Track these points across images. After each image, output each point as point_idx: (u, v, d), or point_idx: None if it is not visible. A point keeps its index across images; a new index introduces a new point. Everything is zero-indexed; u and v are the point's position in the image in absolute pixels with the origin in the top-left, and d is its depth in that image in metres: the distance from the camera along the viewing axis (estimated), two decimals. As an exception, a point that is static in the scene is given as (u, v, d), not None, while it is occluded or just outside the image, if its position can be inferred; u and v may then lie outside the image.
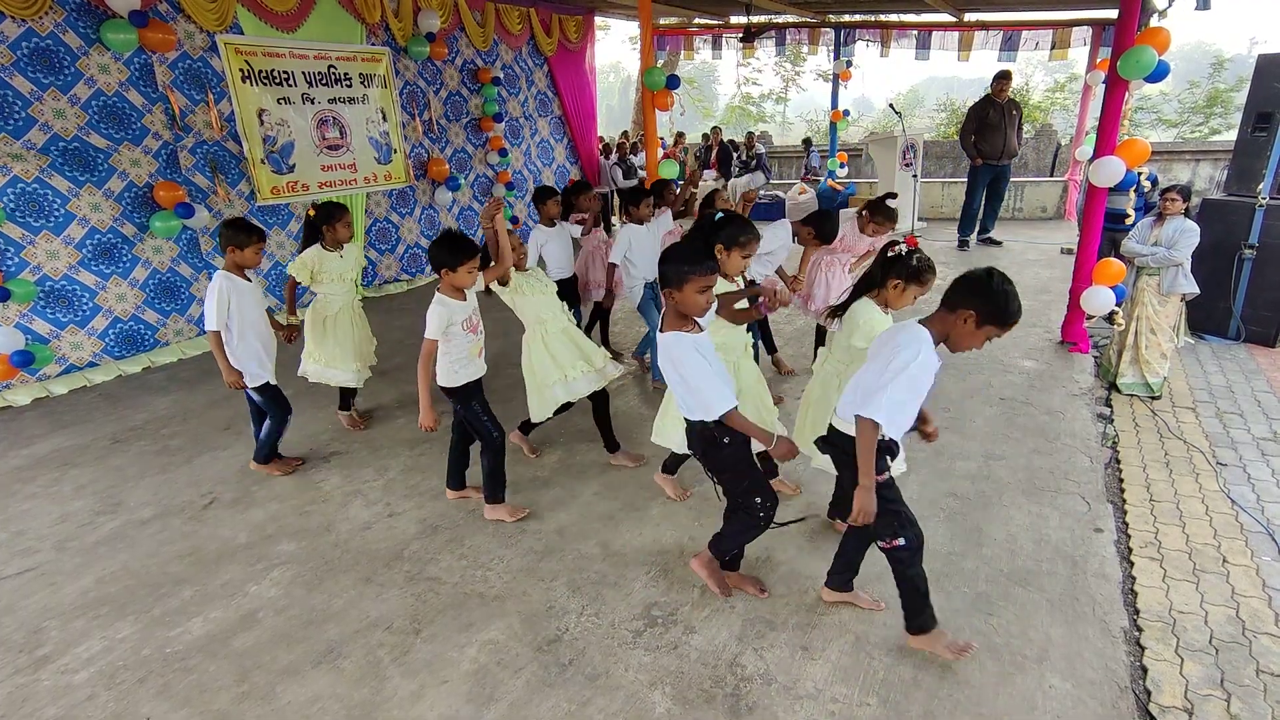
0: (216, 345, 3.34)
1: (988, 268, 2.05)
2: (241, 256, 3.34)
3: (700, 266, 2.23)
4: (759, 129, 18.91)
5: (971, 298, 2.01)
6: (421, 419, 2.96)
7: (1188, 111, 20.31)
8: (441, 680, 2.32)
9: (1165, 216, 4.32)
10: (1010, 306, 1.99)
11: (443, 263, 2.91)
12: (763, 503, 2.43)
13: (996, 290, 1.99)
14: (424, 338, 2.92)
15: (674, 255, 2.29)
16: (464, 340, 3.02)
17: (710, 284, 2.25)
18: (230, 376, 3.37)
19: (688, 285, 2.22)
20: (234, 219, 3.36)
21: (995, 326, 2.01)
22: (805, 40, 10.94)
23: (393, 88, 7.26)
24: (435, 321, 2.91)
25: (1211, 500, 3.30)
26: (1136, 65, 4.25)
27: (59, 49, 4.89)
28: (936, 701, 2.16)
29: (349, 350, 4.01)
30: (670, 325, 2.30)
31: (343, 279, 3.95)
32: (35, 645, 2.56)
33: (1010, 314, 1.99)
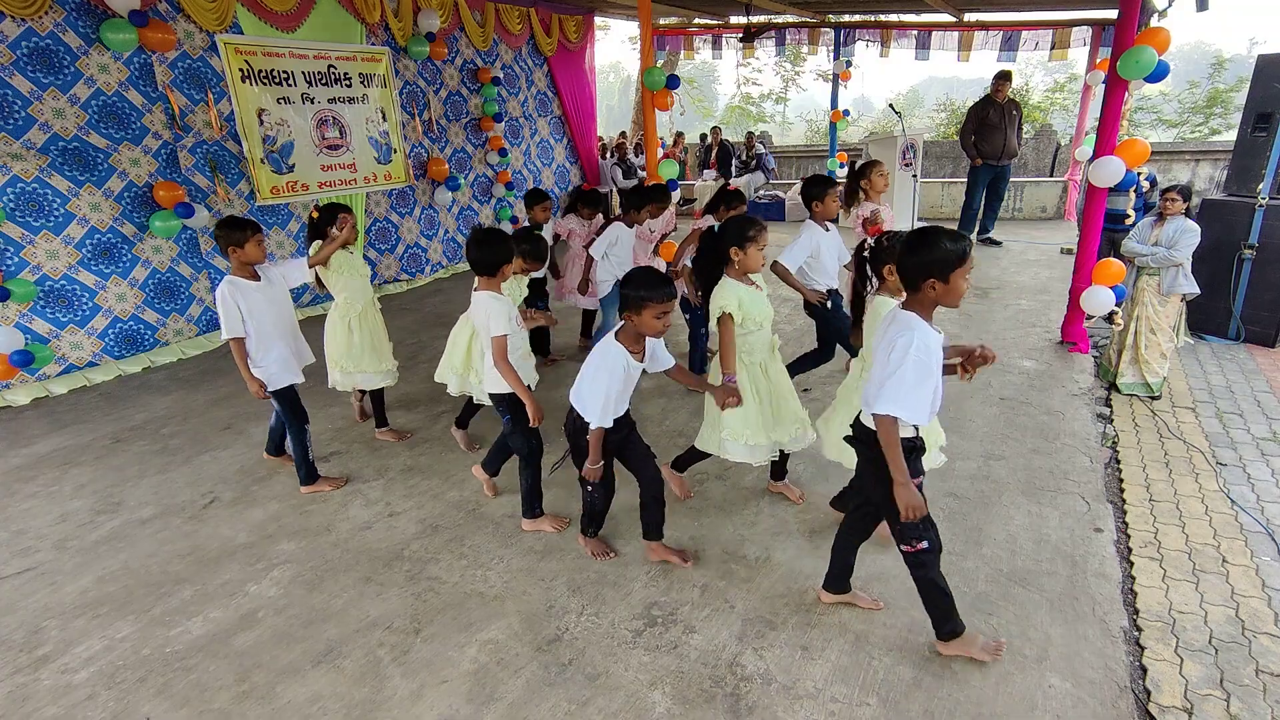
0: (238, 353, 3.21)
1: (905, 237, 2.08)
2: (243, 253, 3.19)
3: (658, 292, 2.37)
4: (759, 129, 18.90)
5: (919, 268, 2.00)
6: (532, 415, 2.84)
7: (1187, 112, 20.31)
8: (441, 680, 2.32)
9: (1165, 217, 4.32)
10: (952, 247, 1.95)
11: (496, 259, 2.84)
12: (592, 491, 2.75)
13: (928, 247, 1.97)
14: (493, 338, 2.79)
15: (635, 280, 2.41)
16: (518, 338, 2.94)
17: (667, 309, 2.40)
18: (252, 386, 3.22)
19: (645, 310, 2.39)
20: (225, 219, 3.21)
21: (957, 269, 1.97)
22: (805, 40, 10.94)
23: (392, 87, 7.26)
24: (500, 316, 2.77)
25: (1211, 500, 3.30)
26: (1136, 65, 4.25)
27: (59, 48, 4.89)
28: (936, 701, 2.16)
29: (377, 351, 3.90)
30: (623, 339, 2.51)
31: (362, 274, 3.86)
32: (35, 645, 2.56)
33: (957, 252, 1.96)
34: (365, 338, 3.87)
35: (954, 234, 2.00)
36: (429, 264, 8.19)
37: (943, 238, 1.98)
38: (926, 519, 2.16)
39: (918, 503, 2.08)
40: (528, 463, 3.04)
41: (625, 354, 2.50)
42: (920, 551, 2.18)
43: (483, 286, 2.88)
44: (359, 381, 3.93)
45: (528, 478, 3.07)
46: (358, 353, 3.84)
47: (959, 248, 1.97)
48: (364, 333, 3.86)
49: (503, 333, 2.78)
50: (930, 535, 2.18)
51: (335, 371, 3.91)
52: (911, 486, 2.07)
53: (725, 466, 3.58)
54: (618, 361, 2.49)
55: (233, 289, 3.18)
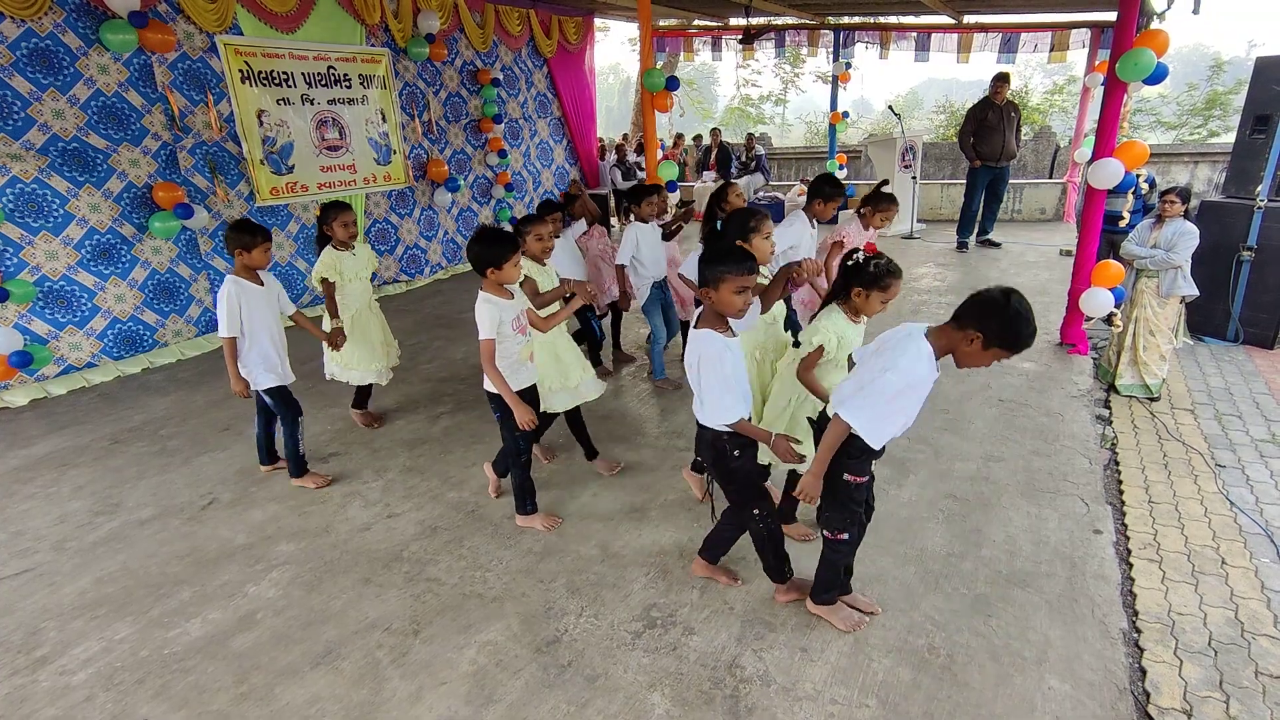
0: (229, 352, 3.27)
1: (1006, 290, 1.93)
2: (250, 258, 3.24)
3: (738, 266, 2.19)
4: (758, 130, 18.93)
5: (982, 320, 1.92)
6: (519, 418, 2.82)
7: (1186, 114, 20.35)
8: (440, 681, 2.32)
9: (1164, 219, 4.33)
10: (1023, 333, 1.89)
11: (489, 260, 2.76)
12: (760, 513, 2.47)
13: (1011, 315, 1.89)
14: (480, 340, 2.80)
15: (712, 255, 2.24)
16: (513, 342, 2.88)
17: (748, 284, 2.21)
18: (236, 386, 3.31)
19: (724, 285, 2.20)
20: (238, 221, 3.27)
21: (1004, 350, 1.92)
22: (804, 42, 10.95)
23: (392, 89, 7.27)
24: (488, 320, 2.76)
25: (1210, 502, 3.30)
26: (1135, 67, 4.25)
27: (58, 49, 4.89)
28: (935, 703, 2.16)
29: (371, 349, 4.02)
30: (704, 323, 2.31)
31: (359, 278, 3.95)
32: (33, 646, 2.55)
33: (1021, 340, 1.90)
34: (359, 338, 3.97)
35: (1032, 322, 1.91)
36: (428, 265, 8.19)
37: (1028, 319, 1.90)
38: (855, 516, 2.32)
39: (816, 494, 2.22)
40: (514, 461, 3.06)
41: (716, 336, 2.26)
42: (840, 541, 2.35)
43: (482, 286, 2.86)
44: (351, 377, 4.03)
45: (516, 474, 3.10)
46: (348, 353, 3.95)
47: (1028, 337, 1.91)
48: (357, 333, 3.96)
49: (487, 336, 2.77)
50: (853, 532, 2.34)
51: (331, 364, 4.04)
52: (820, 478, 2.20)
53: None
54: (712, 346, 2.25)
55: (238, 289, 3.25)
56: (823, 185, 3.93)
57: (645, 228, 4.48)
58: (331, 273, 3.83)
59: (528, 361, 3.00)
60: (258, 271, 3.35)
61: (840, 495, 2.27)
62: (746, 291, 2.22)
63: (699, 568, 2.77)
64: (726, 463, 2.40)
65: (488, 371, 2.82)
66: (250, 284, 3.29)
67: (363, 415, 4.29)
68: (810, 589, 2.52)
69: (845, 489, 2.25)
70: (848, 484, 2.24)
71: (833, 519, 2.31)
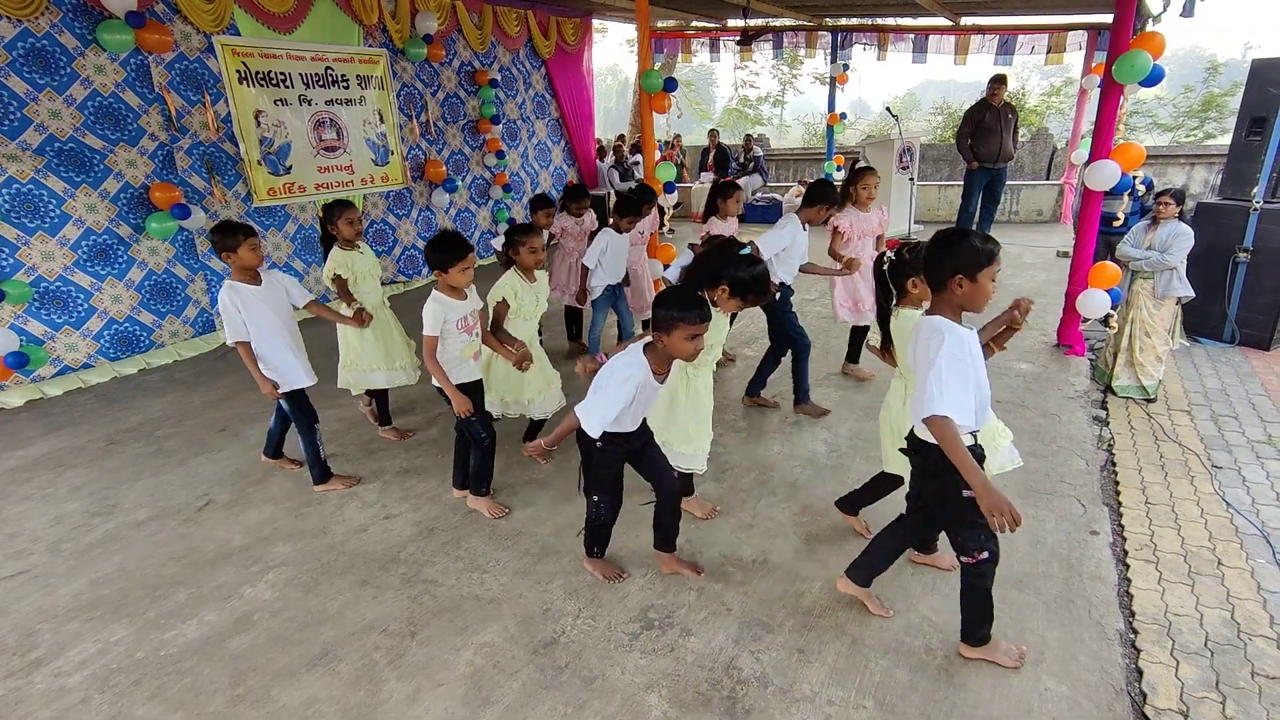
0: (247, 357, 3.21)
1: (931, 238, 2.06)
2: (238, 258, 3.18)
3: (690, 314, 2.24)
4: (756, 132, 18.93)
5: (945, 267, 2.00)
6: (456, 407, 3.00)
7: (1182, 116, 20.41)
8: (437, 683, 2.31)
9: (1159, 220, 4.34)
10: (981, 246, 1.97)
11: (437, 263, 2.95)
12: (598, 503, 2.67)
13: (957, 243, 1.98)
14: (424, 335, 2.97)
15: (667, 300, 2.29)
16: (457, 340, 3.04)
17: (699, 332, 2.26)
18: (265, 388, 3.24)
19: (676, 332, 2.25)
20: (217, 224, 3.23)
21: (985, 268, 1.97)
22: (802, 43, 10.97)
23: (390, 89, 7.26)
24: (431, 318, 2.95)
25: (1206, 503, 3.31)
26: (1131, 69, 4.26)
27: (55, 49, 4.88)
28: (933, 704, 2.16)
29: (389, 350, 3.92)
30: (650, 356, 2.38)
31: (371, 277, 3.86)
32: (28, 648, 2.55)
33: (985, 251, 1.97)
34: (378, 337, 3.89)
35: (984, 235, 2.01)
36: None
37: (972, 237, 1.99)
38: (987, 529, 2.08)
39: (1001, 502, 1.87)
40: (477, 445, 3.20)
41: (648, 371, 2.37)
42: (980, 562, 2.15)
43: (437, 284, 3.01)
44: (371, 381, 3.94)
45: (477, 456, 3.23)
46: (370, 352, 3.87)
47: (988, 248, 1.98)
48: (377, 333, 3.88)
49: (429, 333, 2.95)
50: (992, 546, 2.14)
51: (345, 373, 3.92)
52: (992, 486, 1.91)
53: (722, 469, 3.58)
54: (636, 376, 2.35)
55: (232, 294, 3.19)
56: (820, 191, 3.96)
57: (618, 236, 4.68)
58: (344, 269, 3.75)
59: (470, 360, 3.13)
60: (257, 270, 3.27)
61: (967, 513, 2.09)
62: (698, 338, 2.27)
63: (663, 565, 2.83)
64: (590, 448, 2.55)
65: (429, 364, 2.98)
66: (246, 285, 3.21)
67: (394, 430, 4.16)
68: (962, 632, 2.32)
69: (967, 505, 2.06)
70: (968, 499, 2.03)
71: (968, 540, 2.13)
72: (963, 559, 2.18)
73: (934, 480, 2.17)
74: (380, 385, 3.98)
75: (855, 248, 4.35)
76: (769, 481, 3.48)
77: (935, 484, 2.17)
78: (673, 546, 2.80)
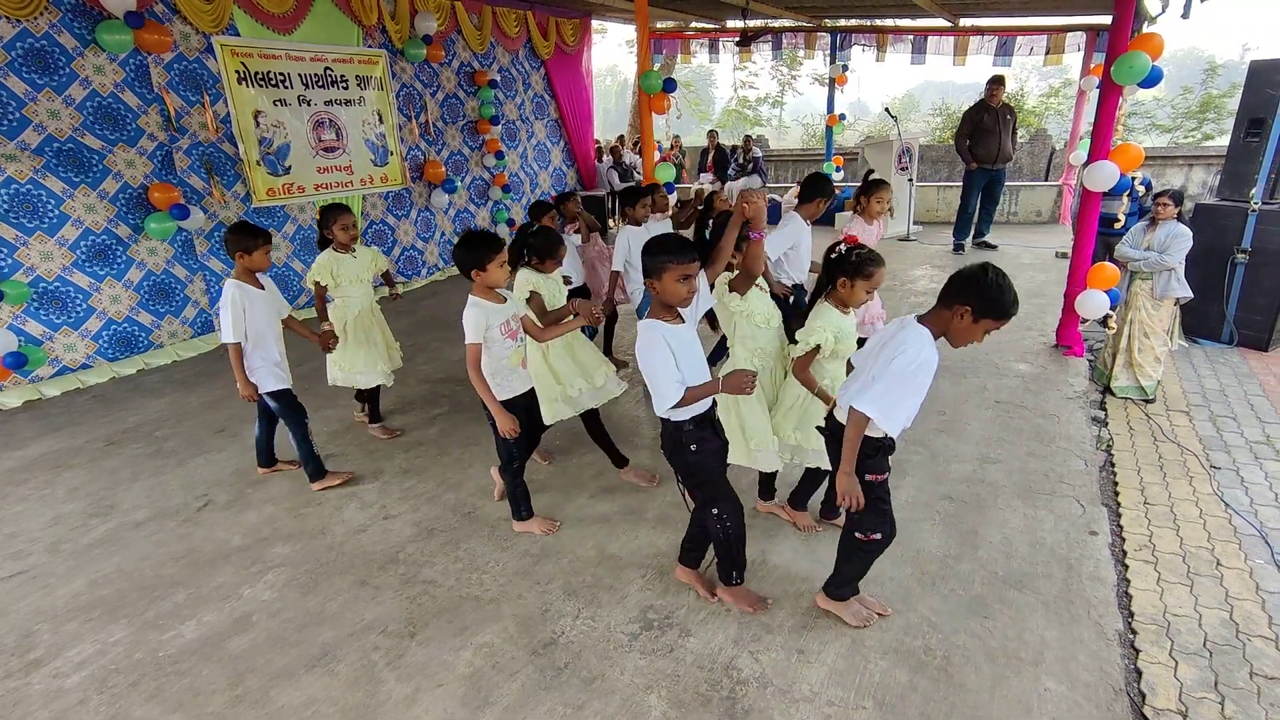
0: (236, 357, 3.22)
1: (983, 263, 2.04)
2: (251, 260, 3.22)
3: (678, 255, 2.19)
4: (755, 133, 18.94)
5: (966, 293, 2.00)
6: (501, 427, 2.79)
7: (1181, 117, 20.43)
8: (436, 684, 2.31)
9: (1157, 221, 4.34)
10: (1005, 299, 1.98)
11: (471, 263, 2.73)
12: (719, 513, 2.43)
13: (991, 284, 1.98)
14: (466, 344, 2.76)
15: (653, 245, 2.24)
16: (501, 348, 2.83)
17: (690, 272, 2.20)
18: (245, 390, 3.26)
19: (666, 274, 2.20)
20: (238, 224, 3.24)
21: (992, 320, 2.01)
22: (801, 44, 10.98)
23: (389, 90, 7.26)
24: (472, 324, 2.74)
25: (1205, 503, 3.31)
26: (1130, 71, 4.27)
27: (54, 50, 4.88)
28: (932, 704, 2.16)
29: (373, 353, 3.95)
30: (651, 313, 2.31)
31: (360, 281, 3.90)
32: (27, 649, 2.54)
33: (1006, 307, 1.99)
34: (361, 340, 3.92)
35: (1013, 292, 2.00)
36: (425, 266, 8.18)
37: (1008, 287, 1.99)
38: (886, 514, 2.32)
39: (856, 492, 2.17)
40: (506, 467, 3.03)
41: (657, 325, 2.25)
42: (872, 542, 2.34)
43: (472, 290, 2.83)
44: (354, 381, 3.98)
45: (508, 481, 3.08)
46: (350, 356, 3.90)
47: (1011, 305, 1.99)
48: (358, 335, 3.92)
49: (472, 341, 2.74)
50: (886, 530, 2.33)
51: (334, 369, 3.98)
52: (853, 476, 2.16)
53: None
54: (655, 334, 2.23)
55: (241, 293, 3.20)
56: (816, 184, 3.95)
57: (638, 230, 4.46)
58: (325, 275, 3.80)
59: (520, 367, 2.93)
60: (257, 275, 3.33)
61: (868, 497, 2.25)
62: (690, 279, 2.22)
63: (681, 574, 2.75)
64: (684, 455, 2.38)
65: (472, 377, 2.77)
66: (252, 287, 3.27)
67: (383, 429, 4.20)
68: (826, 583, 2.52)
69: (870, 489, 2.25)
70: (871, 484, 2.25)
71: (865, 520, 2.31)
72: (856, 535, 2.36)
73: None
74: (362, 385, 4.03)
75: None
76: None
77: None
78: (698, 564, 2.73)
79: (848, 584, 2.47)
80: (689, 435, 2.34)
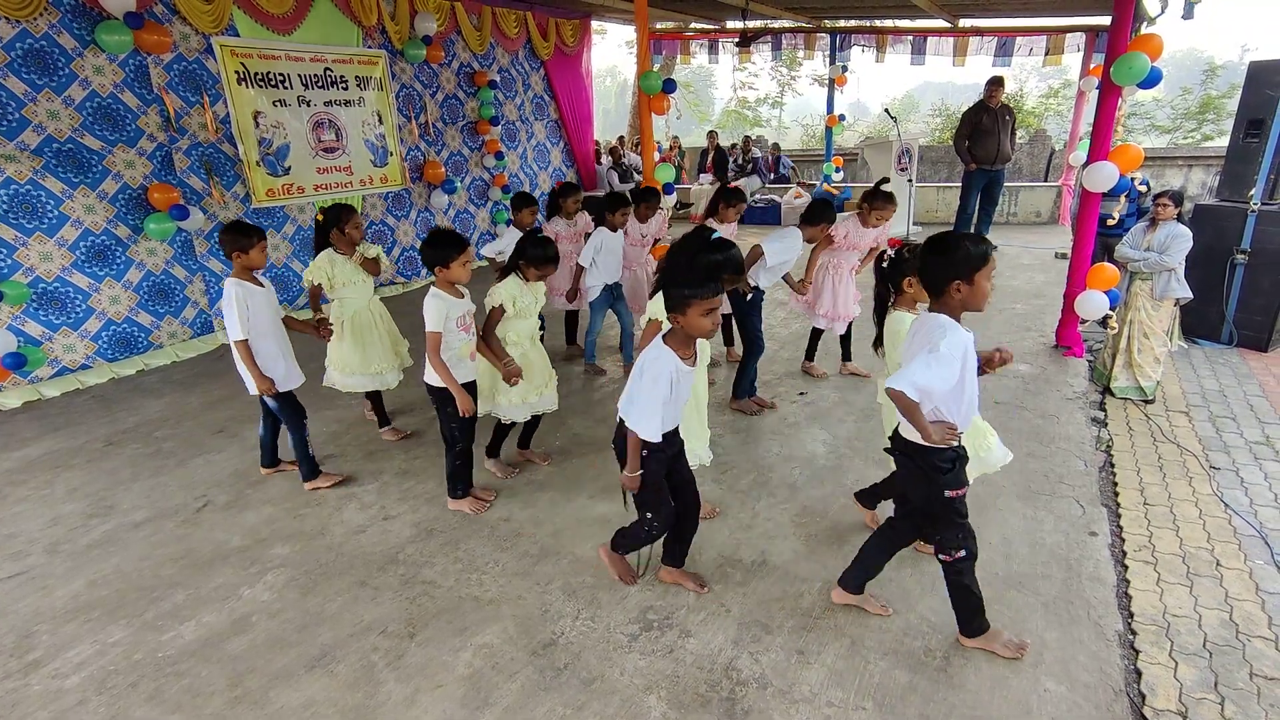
0: (245, 354, 3.20)
1: (926, 241, 2.09)
2: (248, 259, 3.20)
3: (702, 289, 2.19)
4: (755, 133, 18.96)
5: (948, 272, 2.02)
6: (461, 406, 3.01)
7: (1180, 118, 20.45)
8: (436, 684, 2.31)
9: (1157, 221, 4.34)
10: (974, 250, 2.00)
11: (435, 260, 2.95)
12: (651, 518, 2.51)
13: (950, 250, 2.01)
14: (426, 332, 2.95)
15: (676, 279, 2.25)
16: (456, 339, 3.04)
17: (715, 306, 2.22)
18: (262, 385, 3.24)
19: (691, 310, 2.20)
20: (232, 223, 3.24)
21: (981, 270, 2.00)
22: (801, 45, 10.98)
23: (389, 90, 7.26)
24: (434, 313, 2.94)
25: (1205, 504, 3.31)
26: (1129, 71, 4.27)
27: (53, 50, 4.88)
28: (932, 705, 2.16)
29: (370, 354, 3.89)
30: (671, 343, 2.30)
31: (353, 282, 3.83)
32: (26, 650, 2.54)
33: (979, 254, 2.00)
34: (356, 341, 3.86)
35: (975, 236, 2.04)
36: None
37: (964, 240, 2.02)
38: (965, 528, 2.23)
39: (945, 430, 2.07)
40: (450, 448, 3.21)
41: (675, 359, 2.28)
42: (958, 560, 2.24)
43: (435, 283, 3.01)
44: (349, 384, 3.93)
45: (450, 461, 3.24)
46: (346, 356, 3.87)
47: (981, 249, 2.00)
48: (355, 335, 3.86)
49: (432, 329, 2.93)
50: (969, 544, 2.23)
51: (332, 371, 3.95)
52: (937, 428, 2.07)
53: (722, 470, 3.58)
54: (666, 366, 2.27)
55: (242, 290, 3.19)
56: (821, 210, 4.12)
57: (611, 234, 4.66)
58: (321, 276, 3.73)
59: (468, 358, 3.13)
60: (255, 273, 3.31)
61: (948, 513, 2.21)
62: (715, 312, 2.24)
63: (666, 575, 2.75)
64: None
65: (432, 362, 2.97)
66: (252, 286, 3.25)
67: (393, 430, 4.16)
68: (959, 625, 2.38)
69: (950, 505, 2.20)
70: (950, 500, 2.19)
71: (947, 540, 2.24)
72: (941, 557, 2.27)
73: (919, 483, 2.24)
74: (356, 389, 3.97)
75: (840, 255, 4.44)
76: (768, 482, 3.48)
77: (920, 487, 2.24)
78: (681, 561, 2.74)
79: (975, 614, 2.32)
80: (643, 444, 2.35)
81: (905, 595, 2.64)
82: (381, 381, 3.99)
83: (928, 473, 2.18)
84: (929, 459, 2.16)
